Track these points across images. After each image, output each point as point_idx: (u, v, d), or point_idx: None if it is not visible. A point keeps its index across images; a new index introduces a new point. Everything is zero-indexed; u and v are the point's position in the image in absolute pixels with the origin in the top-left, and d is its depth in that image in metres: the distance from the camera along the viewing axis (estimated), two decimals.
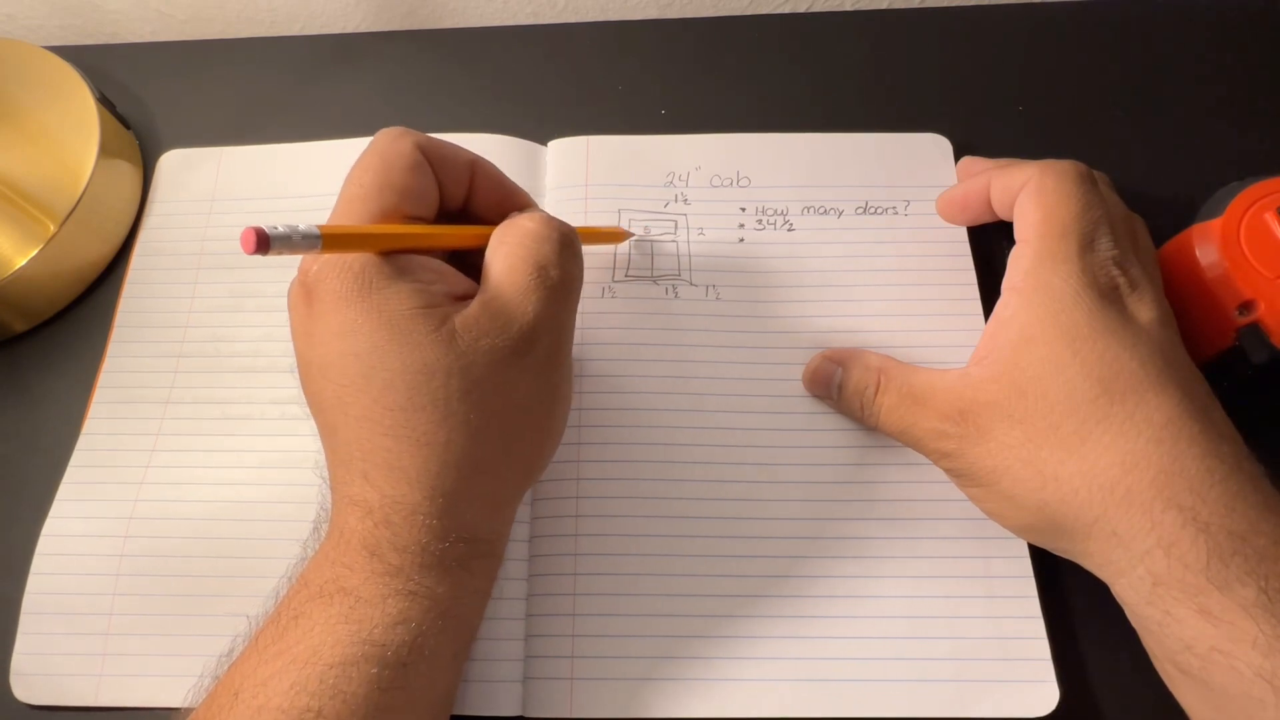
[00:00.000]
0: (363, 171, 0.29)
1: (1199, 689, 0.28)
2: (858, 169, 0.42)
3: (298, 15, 0.51)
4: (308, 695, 0.25)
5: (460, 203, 0.32)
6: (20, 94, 0.43)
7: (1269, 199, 0.34)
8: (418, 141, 0.30)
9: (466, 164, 0.32)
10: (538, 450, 0.31)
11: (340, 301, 0.27)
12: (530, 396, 0.29)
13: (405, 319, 0.27)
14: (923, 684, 0.32)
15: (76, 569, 0.35)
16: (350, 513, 0.27)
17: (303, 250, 0.24)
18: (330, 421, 0.28)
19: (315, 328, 0.28)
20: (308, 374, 0.29)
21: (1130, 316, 0.30)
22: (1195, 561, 0.27)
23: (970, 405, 0.31)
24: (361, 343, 0.27)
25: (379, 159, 0.29)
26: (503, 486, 0.30)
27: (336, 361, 0.27)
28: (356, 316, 0.27)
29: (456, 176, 0.31)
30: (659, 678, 0.32)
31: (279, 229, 0.23)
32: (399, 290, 0.27)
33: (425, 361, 0.27)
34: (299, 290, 0.28)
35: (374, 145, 0.30)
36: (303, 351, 0.29)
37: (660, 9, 0.51)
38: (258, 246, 0.23)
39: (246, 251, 0.23)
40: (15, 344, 0.40)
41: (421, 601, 0.27)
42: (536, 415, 0.30)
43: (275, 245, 0.23)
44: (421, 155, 0.30)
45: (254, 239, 0.23)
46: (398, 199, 0.29)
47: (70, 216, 0.39)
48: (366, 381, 0.27)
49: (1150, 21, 0.46)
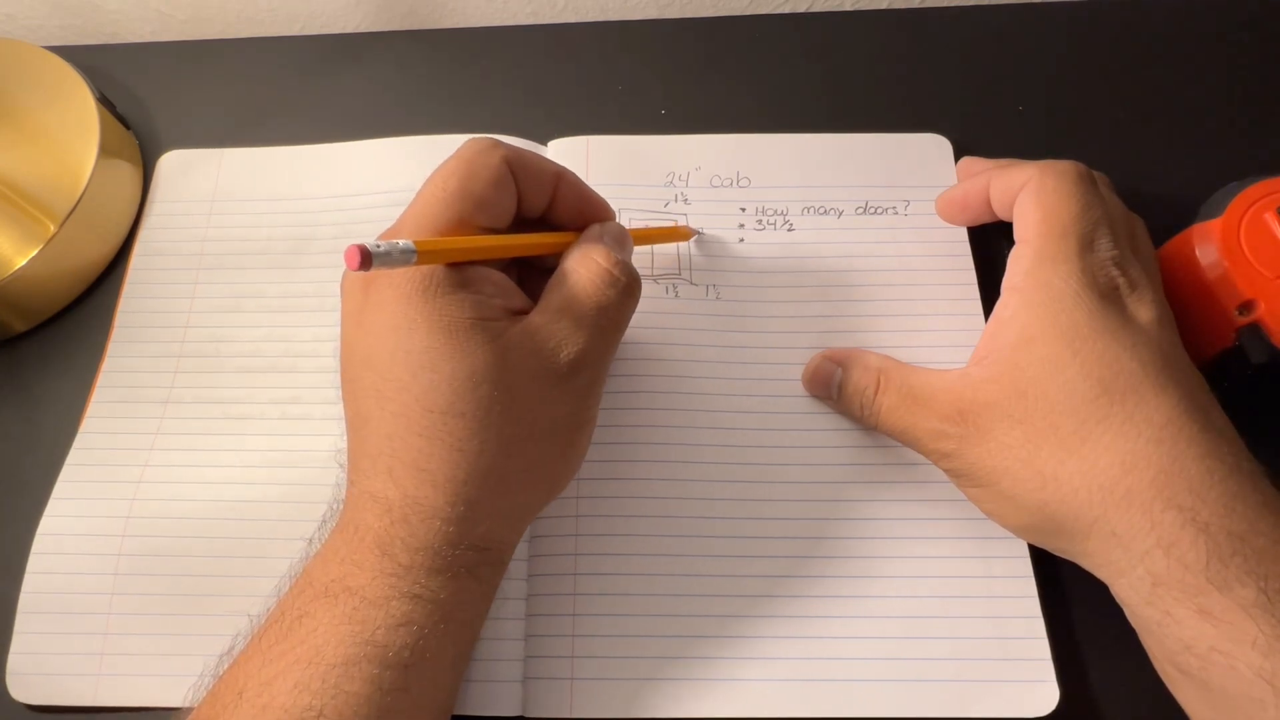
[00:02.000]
0: (446, 176, 0.29)
1: (1198, 689, 0.28)
2: (858, 169, 0.42)
3: (298, 15, 0.51)
4: (310, 695, 0.25)
5: (540, 212, 0.32)
6: (20, 94, 0.43)
7: (1269, 199, 0.34)
8: (506, 156, 0.30)
9: (552, 176, 0.32)
10: (562, 471, 0.31)
11: (402, 298, 0.27)
12: (563, 420, 0.29)
13: (463, 327, 0.27)
14: (923, 684, 0.32)
15: (74, 568, 0.35)
16: (369, 508, 0.28)
17: (400, 264, 0.25)
18: (363, 410, 0.28)
19: (369, 317, 0.28)
20: (350, 360, 0.29)
21: (1130, 317, 0.30)
22: (1195, 562, 0.27)
23: (970, 405, 0.31)
24: (417, 341, 0.27)
25: (465, 167, 0.29)
26: (523, 501, 0.30)
27: (385, 354, 0.27)
28: (415, 315, 0.27)
29: (540, 189, 0.32)
30: (659, 678, 0.32)
31: (380, 246, 0.25)
32: (462, 299, 0.28)
33: (474, 370, 0.27)
34: (357, 279, 0.29)
35: (461, 153, 0.30)
36: (350, 337, 0.29)
37: (660, 9, 0.51)
38: (361, 263, 0.24)
39: (350, 268, 0.24)
40: (15, 344, 0.40)
41: (425, 605, 0.27)
42: (566, 437, 0.30)
43: (377, 262, 0.24)
44: (508, 169, 0.30)
45: (358, 257, 0.24)
46: (474, 209, 0.29)
47: (70, 216, 0.39)
48: (412, 379, 0.27)
49: (1150, 21, 0.46)
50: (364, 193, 0.42)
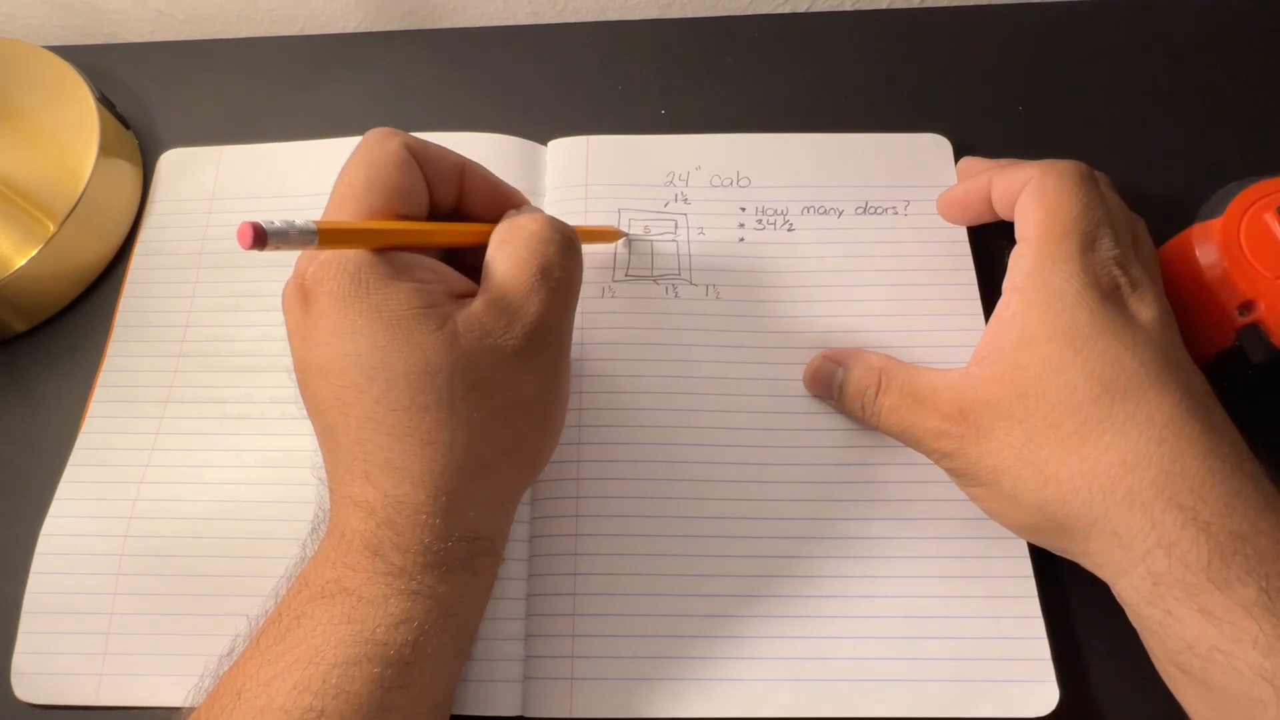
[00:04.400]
0: (351, 171, 0.29)
1: (1199, 689, 0.28)
2: (858, 169, 0.42)
3: (298, 15, 0.51)
4: (311, 695, 0.25)
5: (451, 205, 0.32)
6: (20, 94, 0.43)
7: (1269, 199, 0.34)
8: (405, 141, 0.30)
9: (455, 166, 0.31)
10: (539, 448, 0.31)
11: (338, 302, 0.27)
12: (532, 395, 0.29)
13: (406, 319, 0.27)
14: (922, 684, 0.32)
15: (76, 568, 0.35)
16: (352, 513, 0.27)
17: (299, 246, 0.24)
18: (329, 423, 0.28)
19: (313, 329, 0.27)
20: (305, 376, 0.29)
21: (1131, 316, 0.30)
22: (1196, 561, 0.27)
23: (971, 405, 0.31)
24: (362, 343, 0.26)
25: (366, 158, 0.29)
26: (505, 485, 0.30)
27: (336, 363, 0.27)
28: (356, 317, 0.27)
29: (445, 178, 0.31)
30: (659, 677, 0.32)
31: (276, 224, 0.23)
32: (398, 290, 0.27)
33: (428, 361, 0.27)
34: (294, 292, 0.28)
35: (361, 146, 0.30)
36: (300, 353, 0.28)
37: (660, 9, 0.51)
38: (254, 241, 0.23)
39: (243, 246, 0.23)
40: (15, 344, 0.40)
41: (424, 601, 0.27)
42: (538, 414, 0.30)
43: (272, 240, 0.23)
44: (409, 155, 0.30)
45: (251, 234, 0.23)
46: (387, 197, 0.29)
47: (70, 216, 0.39)
48: (369, 382, 0.27)
49: (1150, 21, 0.46)
50: None
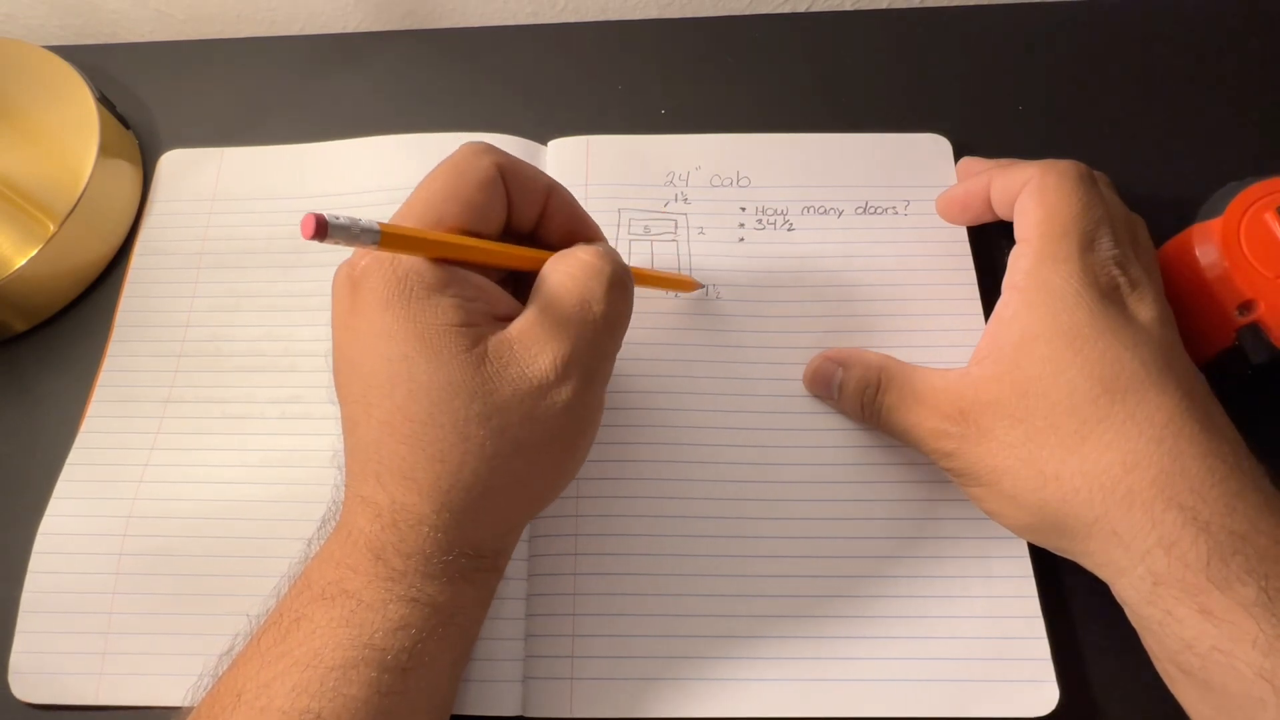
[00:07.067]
0: (434, 177, 0.29)
1: (1199, 689, 0.28)
2: (858, 169, 0.42)
3: (298, 15, 0.51)
4: (309, 697, 0.25)
5: (531, 226, 0.31)
6: (20, 94, 0.43)
7: (1269, 199, 0.34)
8: (498, 161, 0.29)
9: (543, 188, 0.31)
10: (553, 482, 0.31)
11: (380, 302, 0.27)
12: (552, 431, 0.28)
13: (438, 333, 0.26)
14: (923, 684, 0.32)
15: (75, 568, 0.35)
16: (361, 511, 0.27)
17: (359, 244, 0.24)
18: (353, 415, 0.28)
19: (354, 322, 0.27)
20: (340, 364, 0.28)
21: (1131, 316, 0.30)
22: (1196, 561, 0.27)
23: (971, 405, 0.31)
24: (394, 349, 0.26)
25: (454, 169, 0.29)
26: (513, 512, 0.30)
27: (368, 361, 0.27)
28: (392, 322, 0.26)
29: (531, 198, 0.31)
30: (659, 678, 0.32)
31: (340, 219, 0.23)
32: (438, 303, 0.27)
33: (450, 380, 0.26)
34: (345, 280, 0.28)
35: (453, 156, 0.29)
36: (340, 341, 0.28)
37: (660, 9, 0.51)
38: (316, 232, 0.22)
39: (305, 236, 0.22)
40: (15, 344, 0.40)
41: (423, 609, 0.27)
42: (556, 450, 0.29)
43: (333, 234, 0.23)
44: (498, 174, 0.29)
45: (313, 225, 0.22)
46: (460, 210, 0.28)
47: (70, 216, 0.39)
48: (392, 387, 0.26)
49: (1150, 21, 0.46)
50: (365, 190, 0.42)
